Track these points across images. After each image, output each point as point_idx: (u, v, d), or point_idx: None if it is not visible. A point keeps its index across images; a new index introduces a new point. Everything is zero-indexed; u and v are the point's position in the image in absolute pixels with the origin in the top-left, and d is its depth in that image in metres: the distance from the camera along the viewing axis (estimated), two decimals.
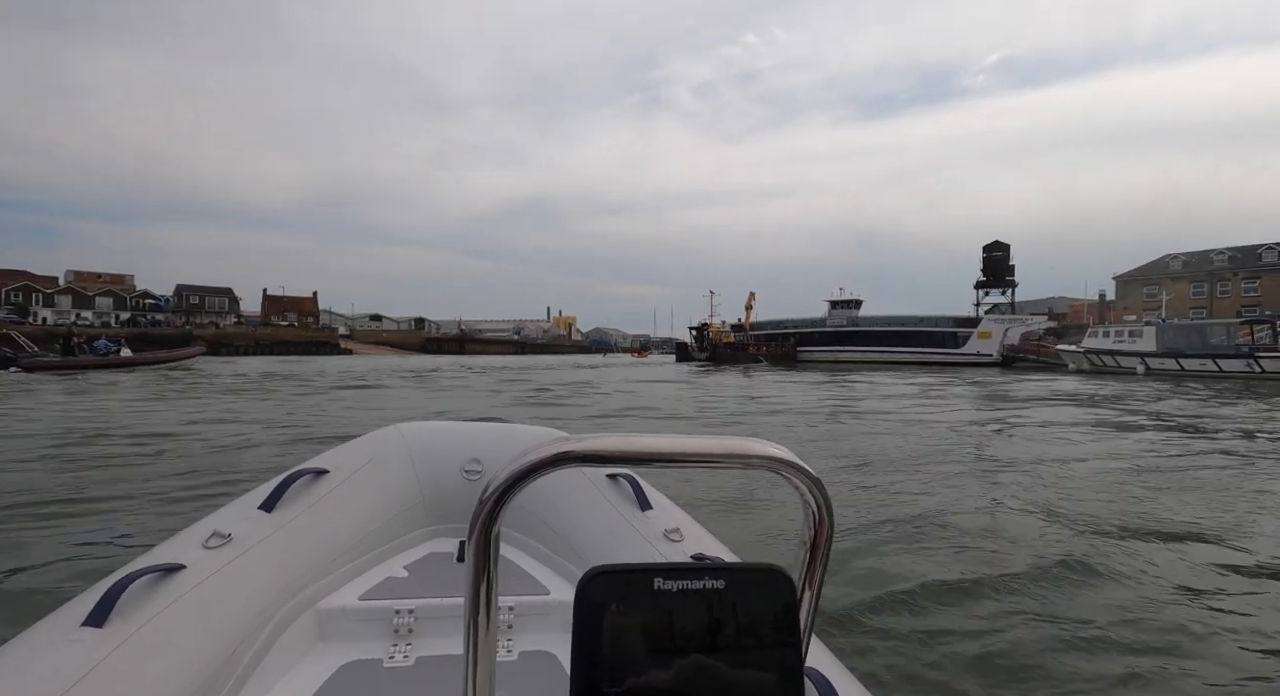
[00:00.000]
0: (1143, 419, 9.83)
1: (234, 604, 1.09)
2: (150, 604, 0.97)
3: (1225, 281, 45.44)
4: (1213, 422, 9.34)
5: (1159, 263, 50.77)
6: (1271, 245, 45.42)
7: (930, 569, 2.99)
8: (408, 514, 1.67)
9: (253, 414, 9.40)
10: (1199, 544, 3.42)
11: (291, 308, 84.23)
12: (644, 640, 0.37)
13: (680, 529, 1.46)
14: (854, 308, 56.25)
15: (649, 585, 0.38)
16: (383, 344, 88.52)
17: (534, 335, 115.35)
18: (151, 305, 70.83)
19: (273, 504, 1.35)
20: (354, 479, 1.58)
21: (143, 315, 66.15)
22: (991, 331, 47.59)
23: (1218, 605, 2.62)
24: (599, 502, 1.60)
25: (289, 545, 1.29)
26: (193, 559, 1.11)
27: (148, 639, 0.90)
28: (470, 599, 0.44)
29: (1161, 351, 27.85)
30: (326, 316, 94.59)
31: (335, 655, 1.24)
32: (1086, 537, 3.47)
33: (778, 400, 12.99)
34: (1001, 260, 56.87)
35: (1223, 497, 4.52)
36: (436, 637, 1.33)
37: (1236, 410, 11.42)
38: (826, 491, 0.47)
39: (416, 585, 1.44)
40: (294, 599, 1.24)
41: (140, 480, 4.73)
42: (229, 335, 58.31)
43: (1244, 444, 7.20)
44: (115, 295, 68.14)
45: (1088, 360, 30.81)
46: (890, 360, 47.89)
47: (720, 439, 0.45)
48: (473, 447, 1.80)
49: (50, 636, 0.88)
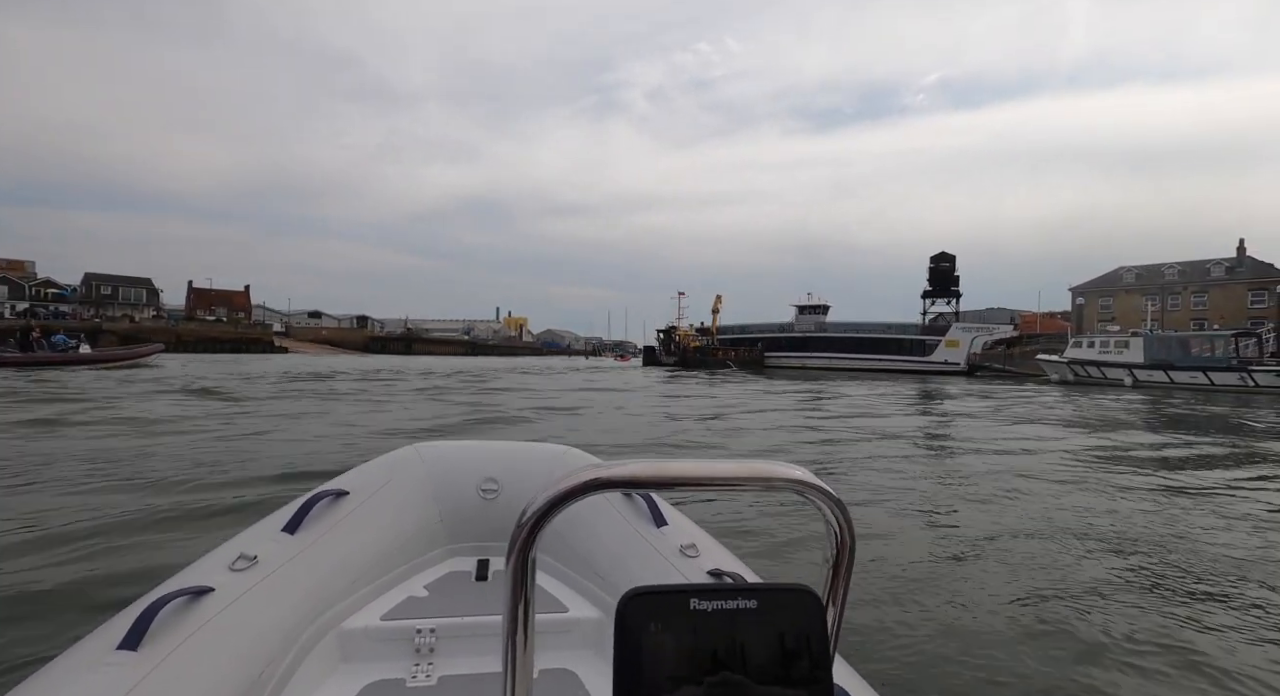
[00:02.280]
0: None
1: (261, 626, 1.10)
2: (181, 627, 0.98)
3: (1176, 295, 46.72)
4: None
5: (1113, 275, 51.98)
6: (1219, 260, 46.99)
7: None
8: (426, 533, 1.68)
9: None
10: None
11: (220, 302, 77.70)
12: (681, 659, 0.39)
13: (696, 545, 1.46)
14: (821, 313, 55.57)
15: (685, 605, 0.40)
16: (322, 342, 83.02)
17: (485, 336, 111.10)
18: (55, 295, 63.51)
19: (295, 526, 1.36)
20: (373, 500, 1.59)
21: (43, 305, 58.96)
22: (959, 340, 47.55)
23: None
24: (615, 519, 1.60)
25: (312, 567, 1.30)
26: (220, 581, 1.12)
27: (180, 662, 0.92)
28: (508, 620, 0.46)
29: (1149, 363, 27.47)
30: (260, 312, 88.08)
31: (359, 675, 1.26)
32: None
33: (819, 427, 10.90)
34: (948, 271, 57.62)
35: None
36: (458, 656, 1.34)
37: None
38: (848, 512, 0.49)
39: (436, 604, 1.46)
40: (318, 620, 1.26)
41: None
42: (145, 330, 52.34)
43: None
44: (11, 283, 60.68)
45: (1071, 371, 30.32)
46: (859, 367, 47.19)
47: (745, 462, 0.48)
48: (489, 467, 1.81)
49: (87, 660, 0.90)
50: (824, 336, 52.86)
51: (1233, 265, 46.30)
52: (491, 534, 1.76)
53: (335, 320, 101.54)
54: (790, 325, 55.86)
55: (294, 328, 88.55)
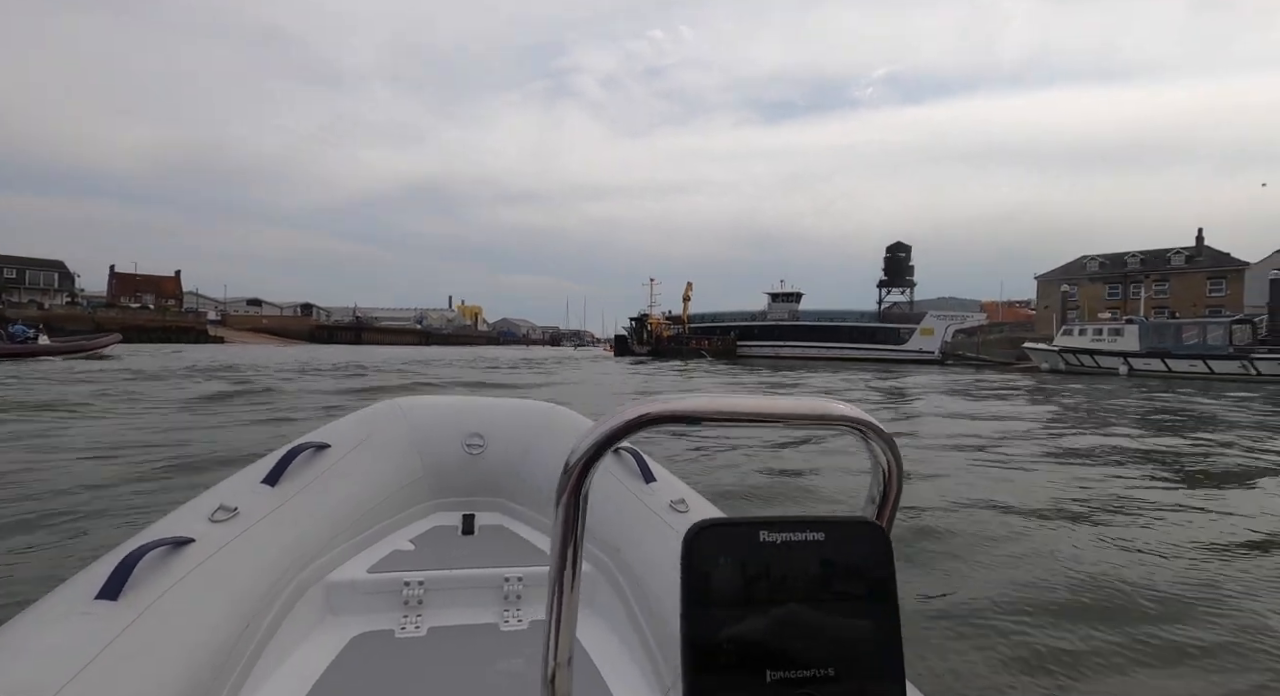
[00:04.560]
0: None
1: (245, 577, 1.08)
2: (162, 577, 0.96)
3: (1138, 284, 47.41)
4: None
5: (1077, 263, 52.69)
6: (1179, 250, 48.02)
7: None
8: (410, 488, 1.66)
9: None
10: None
11: (147, 288, 71.32)
12: (750, 590, 0.38)
13: (685, 500, 1.47)
14: (794, 300, 54.47)
15: (755, 537, 0.39)
16: (262, 332, 77.50)
17: (438, 325, 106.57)
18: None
19: (276, 478, 1.34)
20: (356, 453, 1.56)
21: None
22: (934, 328, 47.16)
23: None
24: (605, 477, 1.57)
25: (295, 519, 1.28)
26: (200, 532, 1.09)
27: (162, 612, 0.90)
28: (557, 559, 0.46)
29: (1145, 351, 26.99)
30: (193, 299, 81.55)
31: (347, 627, 1.26)
32: None
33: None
34: (903, 260, 57.93)
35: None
36: (446, 608, 1.35)
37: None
38: (898, 449, 0.49)
39: (423, 558, 1.44)
40: (303, 572, 1.24)
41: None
42: (57, 317, 46.86)
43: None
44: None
45: (1062, 359, 29.73)
46: (833, 356, 46.26)
47: (799, 399, 0.47)
48: (474, 422, 1.79)
49: (64, 609, 0.87)
50: (797, 325, 51.79)
51: (1192, 254, 47.34)
52: (477, 488, 1.75)
53: (277, 308, 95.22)
54: (763, 313, 54.57)
55: (231, 316, 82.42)
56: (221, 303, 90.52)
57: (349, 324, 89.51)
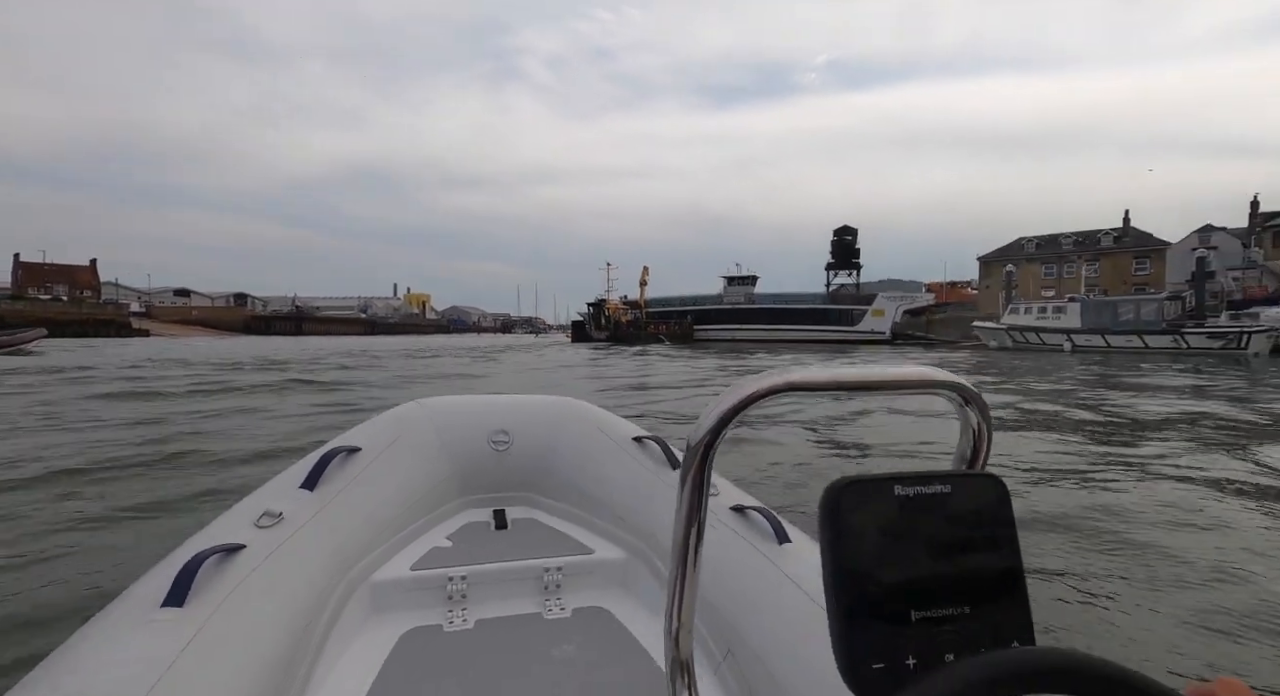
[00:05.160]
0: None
1: (297, 581, 1.11)
2: (220, 583, 0.99)
3: (1071, 263, 49.77)
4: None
5: (1015, 245, 54.87)
6: (1108, 231, 50.63)
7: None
8: (441, 486, 1.68)
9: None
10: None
11: (58, 278, 65.76)
12: (889, 538, 0.41)
13: (715, 485, 1.43)
14: (750, 284, 54.86)
15: (891, 491, 0.42)
16: (192, 323, 73.03)
17: (384, 314, 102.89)
18: None
19: (314, 483, 1.36)
20: (386, 455, 1.58)
21: None
22: (884, 309, 48.37)
23: None
24: (630, 466, 1.64)
25: (336, 522, 1.31)
26: (249, 538, 1.12)
27: (226, 617, 0.93)
28: (682, 530, 0.50)
29: (1087, 328, 28.26)
30: (112, 290, 75.85)
31: (396, 624, 1.28)
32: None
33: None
34: (850, 244, 59.50)
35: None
36: (489, 601, 1.38)
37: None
38: (988, 410, 0.54)
39: (461, 554, 1.47)
40: (349, 573, 1.28)
41: None
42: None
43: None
44: None
45: (1009, 337, 30.87)
46: (788, 338, 46.92)
47: (903, 368, 0.53)
48: (498, 420, 1.81)
49: (134, 617, 0.90)
50: (753, 308, 52.23)
51: (1119, 235, 49.99)
52: (504, 484, 1.78)
53: (208, 299, 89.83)
54: (719, 297, 54.77)
55: (157, 308, 77.36)
56: (145, 293, 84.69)
57: (288, 314, 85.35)
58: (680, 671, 0.53)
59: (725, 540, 1.25)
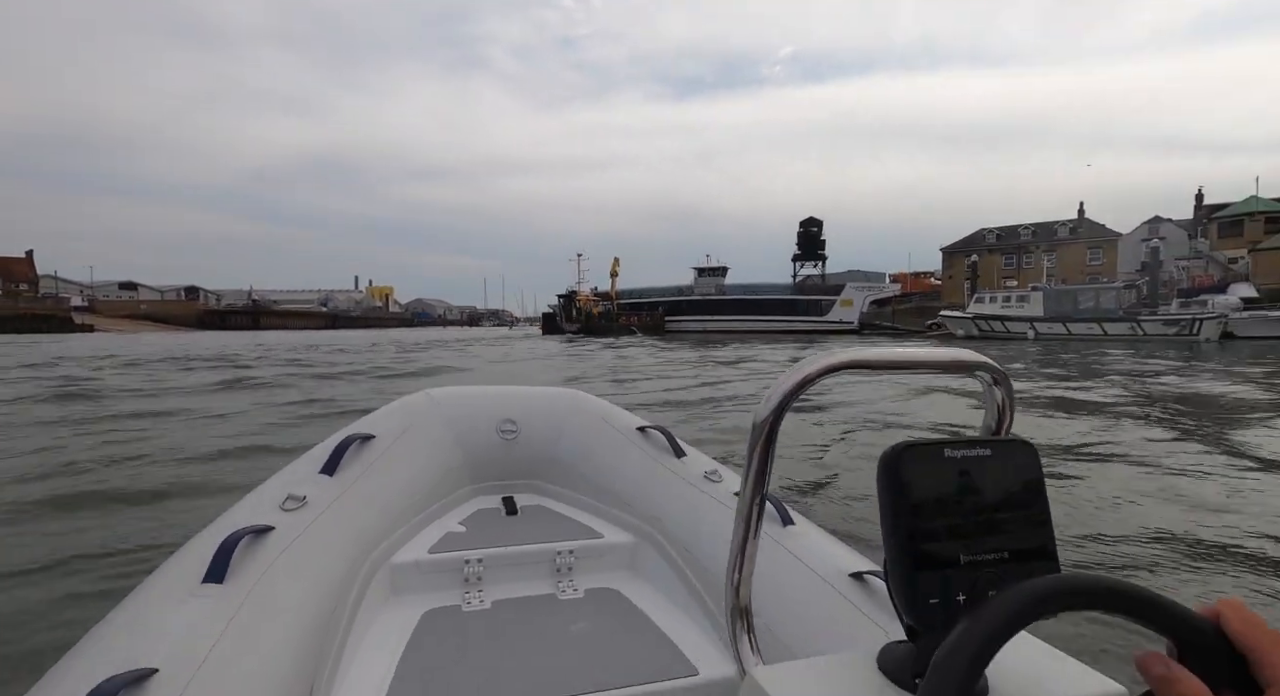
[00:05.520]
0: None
1: (323, 562, 1.15)
2: (254, 563, 1.03)
3: (1030, 254, 51.30)
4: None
5: (977, 236, 56.20)
6: (1064, 222, 52.23)
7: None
8: (453, 474, 1.74)
9: None
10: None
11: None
12: (942, 494, 0.48)
13: (718, 471, 1.57)
14: (720, 275, 55.02)
15: (941, 454, 0.49)
16: (141, 318, 69.80)
17: (346, 307, 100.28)
18: None
19: (333, 468, 1.41)
20: (400, 443, 1.63)
21: None
22: (853, 299, 49.08)
23: None
24: (635, 455, 1.71)
25: (356, 506, 1.36)
26: (276, 520, 1.16)
27: (263, 594, 0.97)
28: (746, 502, 0.60)
29: (1049, 316, 29.11)
30: (52, 283, 71.90)
31: (416, 604, 1.33)
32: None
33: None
34: (815, 235, 60.24)
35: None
36: (505, 583, 1.44)
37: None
38: (1012, 386, 0.61)
39: (475, 538, 1.52)
40: (371, 555, 1.32)
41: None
42: None
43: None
44: None
45: (975, 326, 31.63)
46: (759, 329, 47.26)
47: (938, 349, 0.61)
48: (506, 409, 1.86)
49: (179, 591, 0.95)
50: (724, 299, 52.42)
51: (1075, 226, 51.64)
52: (513, 472, 1.84)
53: (157, 292, 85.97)
54: (690, 288, 54.80)
55: (101, 302, 73.64)
56: (89, 287, 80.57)
57: (244, 308, 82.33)
58: (739, 615, 0.64)
59: (733, 520, 1.23)
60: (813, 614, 1.03)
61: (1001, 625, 0.39)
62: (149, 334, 48.75)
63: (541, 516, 1.72)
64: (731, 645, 0.65)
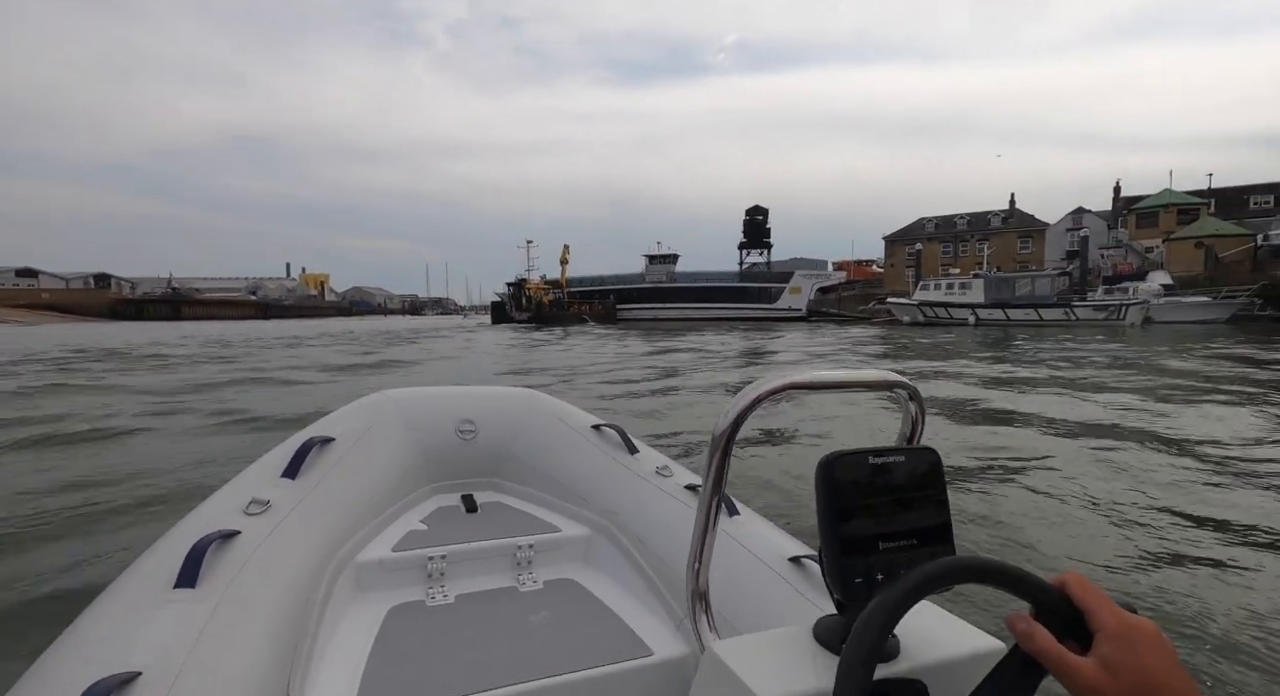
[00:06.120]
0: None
1: (291, 563, 1.18)
2: (224, 566, 1.05)
3: (965, 242, 53.42)
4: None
5: (916, 225, 58.10)
6: (997, 212, 54.58)
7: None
8: (413, 473, 1.77)
9: None
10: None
11: None
12: (866, 494, 0.59)
13: (668, 466, 1.65)
14: (671, 262, 54.94)
15: (866, 460, 0.60)
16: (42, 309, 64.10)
17: (278, 295, 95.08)
18: None
19: (294, 472, 1.43)
20: (360, 445, 1.66)
21: None
22: (801, 286, 49.95)
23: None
24: (590, 452, 1.78)
25: (320, 509, 1.38)
26: (242, 525, 1.18)
27: (236, 598, 0.99)
28: (706, 500, 0.73)
29: (990, 302, 30.29)
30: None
31: (382, 601, 1.36)
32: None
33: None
34: (761, 223, 61.11)
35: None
36: (467, 577, 1.48)
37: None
38: (922, 400, 0.76)
39: (437, 535, 1.56)
40: (335, 555, 1.35)
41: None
42: None
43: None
44: None
45: (921, 312, 32.62)
46: (711, 317, 47.53)
47: (866, 371, 0.75)
48: (463, 410, 1.91)
49: (150, 596, 0.96)
50: (676, 287, 52.40)
51: (1006, 216, 54.04)
52: (472, 470, 1.88)
53: (61, 280, 79.09)
54: (641, 276, 54.50)
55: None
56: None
57: (163, 296, 76.87)
58: (698, 598, 0.78)
59: (685, 513, 1.43)
60: (757, 594, 1.13)
61: (903, 597, 0.50)
62: (51, 325, 44.68)
63: (500, 513, 1.76)
64: (692, 624, 0.78)
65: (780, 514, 2.79)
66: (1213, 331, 21.29)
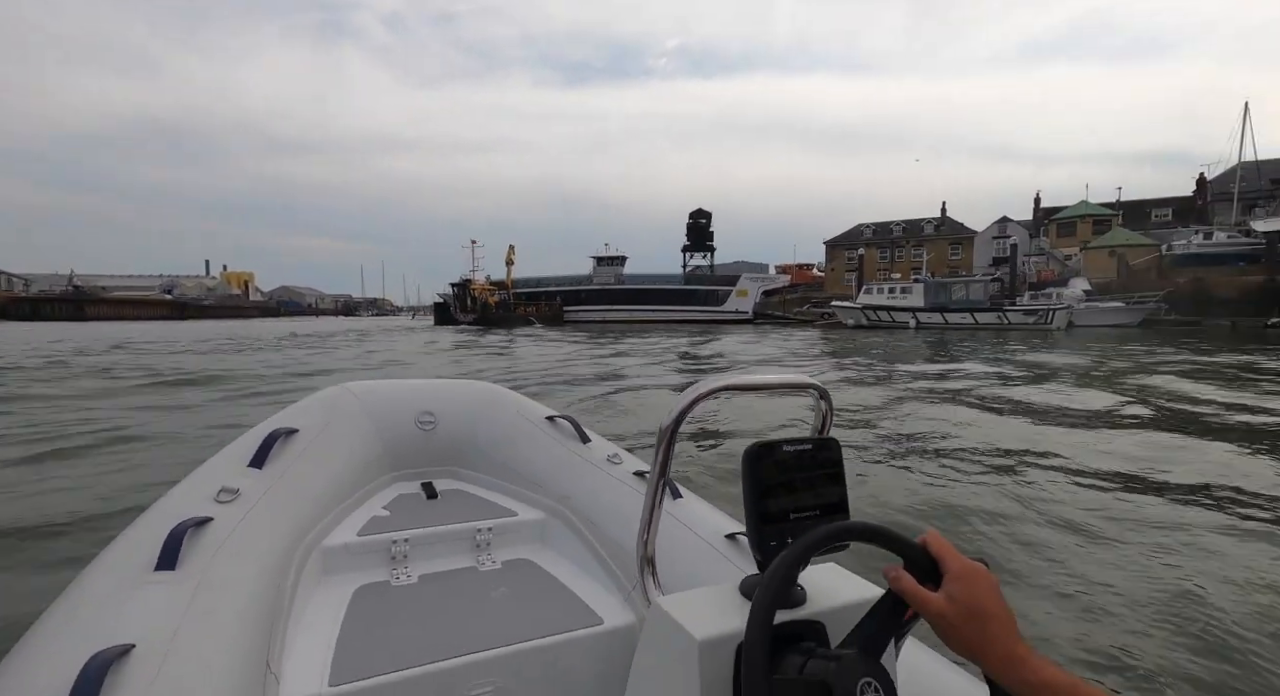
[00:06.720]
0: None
1: (262, 548, 1.24)
2: (200, 551, 1.11)
3: (901, 248, 55.59)
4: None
5: (855, 231, 60.04)
6: (930, 220, 57.08)
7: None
8: (375, 463, 1.84)
9: None
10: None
11: None
12: (781, 476, 0.73)
13: (618, 454, 1.77)
14: (619, 264, 54.65)
15: (781, 449, 0.74)
16: None
17: (196, 294, 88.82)
18: None
19: (261, 461, 1.49)
20: (323, 436, 1.72)
21: None
22: (748, 289, 50.64)
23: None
24: (545, 442, 1.87)
25: (286, 496, 1.44)
26: (214, 512, 1.24)
27: (214, 581, 1.05)
28: (653, 484, 0.89)
29: (929, 306, 31.45)
30: None
31: (348, 583, 1.43)
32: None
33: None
34: (704, 226, 61.98)
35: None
36: (429, 559, 1.55)
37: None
38: (831, 400, 0.94)
39: (399, 520, 1.62)
40: (304, 540, 1.41)
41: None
42: None
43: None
44: None
45: (864, 316, 33.57)
46: (658, 319, 47.55)
47: (784, 373, 0.93)
48: (423, 402, 1.97)
49: (131, 578, 1.02)
50: (623, 289, 52.14)
51: (939, 223, 56.60)
52: (431, 460, 1.95)
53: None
54: (588, 277, 53.96)
55: None
56: None
57: (63, 294, 70.49)
58: (646, 562, 0.93)
59: (633, 497, 1.55)
60: (696, 563, 1.26)
61: (802, 552, 0.65)
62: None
63: (460, 499, 1.82)
64: (641, 587, 0.93)
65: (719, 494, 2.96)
66: (1126, 334, 22.80)
